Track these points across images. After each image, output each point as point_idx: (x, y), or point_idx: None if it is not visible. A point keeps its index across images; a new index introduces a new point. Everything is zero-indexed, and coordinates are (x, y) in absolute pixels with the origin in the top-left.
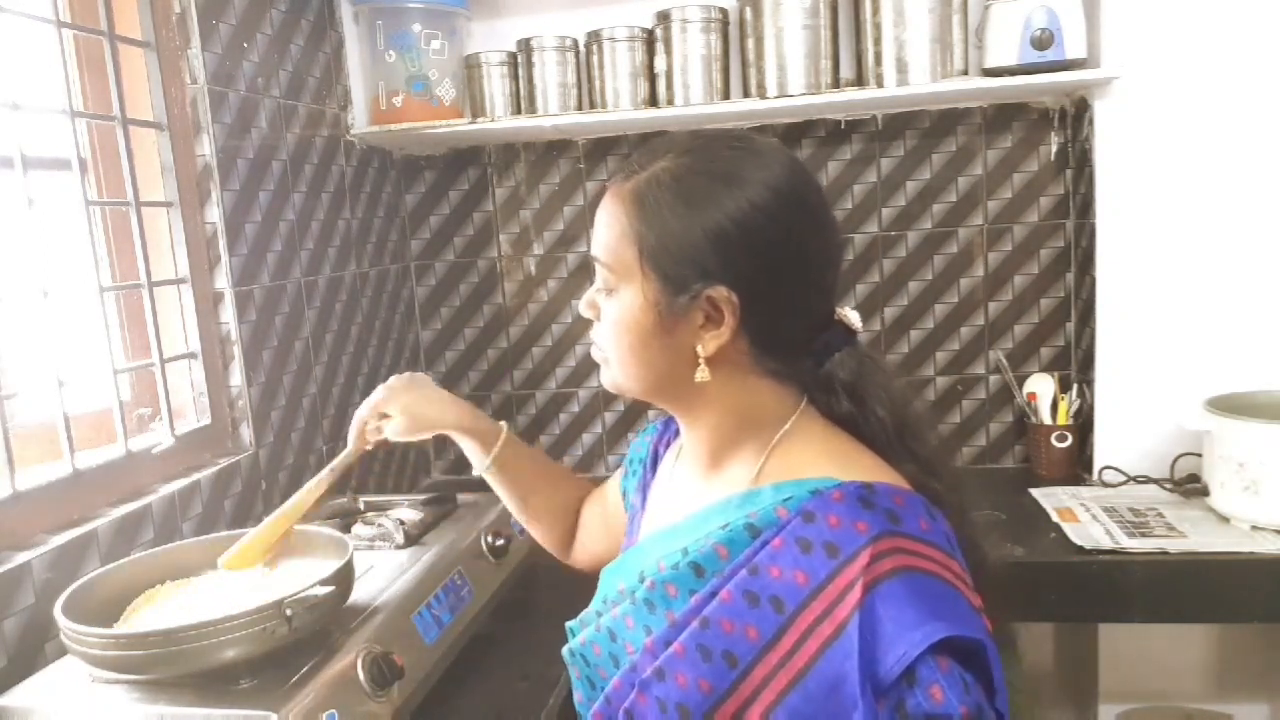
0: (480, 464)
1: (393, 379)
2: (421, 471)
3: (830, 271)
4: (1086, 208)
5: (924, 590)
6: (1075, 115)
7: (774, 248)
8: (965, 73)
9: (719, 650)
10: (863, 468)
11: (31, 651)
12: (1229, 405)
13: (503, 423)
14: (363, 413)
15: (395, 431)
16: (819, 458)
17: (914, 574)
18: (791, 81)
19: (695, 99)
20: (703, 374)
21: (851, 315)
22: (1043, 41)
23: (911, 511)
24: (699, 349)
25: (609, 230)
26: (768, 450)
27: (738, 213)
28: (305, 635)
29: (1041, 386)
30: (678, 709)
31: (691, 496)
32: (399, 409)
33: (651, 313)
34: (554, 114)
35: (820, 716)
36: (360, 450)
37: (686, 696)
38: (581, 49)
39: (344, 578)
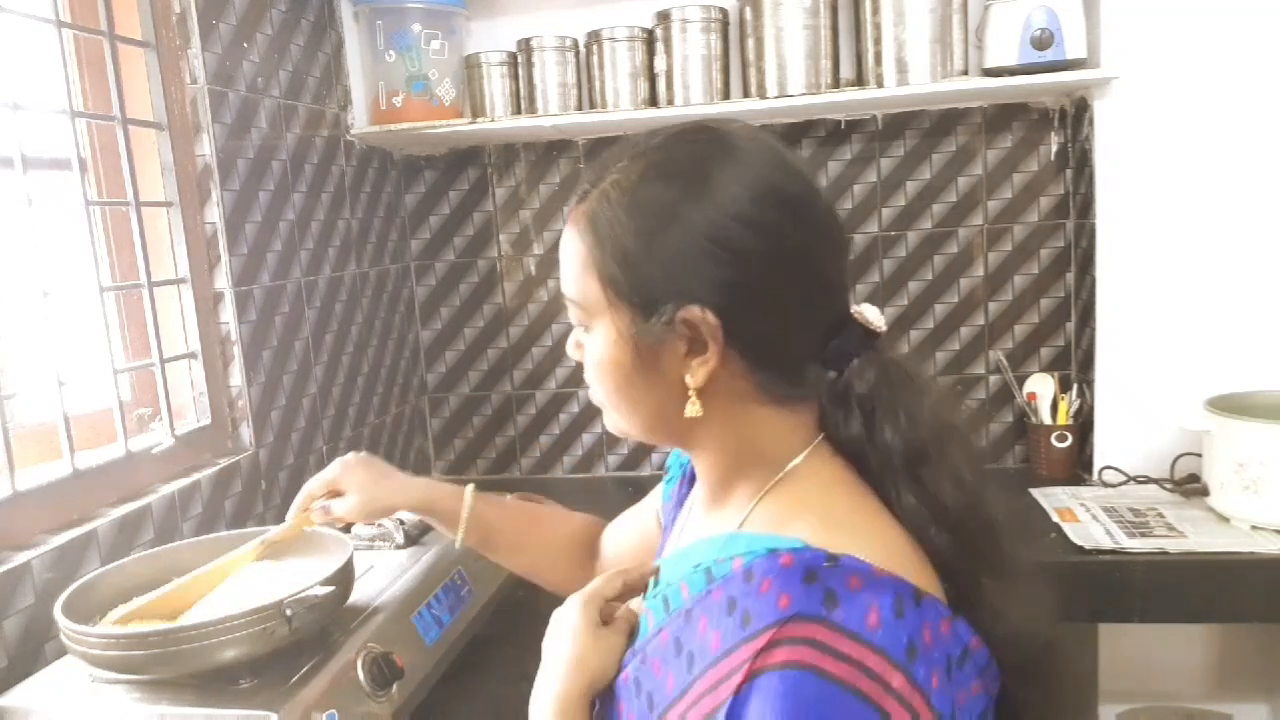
0: (455, 538)
1: (348, 455)
2: (422, 472)
3: (831, 263)
4: (1086, 208)
5: (805, 697)
6: (1075, 115)
7: (758, 256)
8: (965, 73)
9: (646, 689)
10: (849, 532)
11: (31, 651)
12: (1229, 405)
13: (468, 487)
14: (313, 488)
15: (347, 511)
16: (806, 512)
17: (806, 673)
18: (791, 81)
19: (695, 99)
20: (693, 408)
21: (870, 312)
22: (1043, 41)
23: (864, 598)
24: (688, 379)
25: (570, 263)
26: (761, 494)
27: (705, 223)
28: (305, 635)
29: (1041, 386)
30: None
31: (698, 525)
32: (354, 487)
33: (628, 346)
34: (554, 114)
35: None
36: (299, 528)
37: None
38: (581, 49)
39: (344, 578)
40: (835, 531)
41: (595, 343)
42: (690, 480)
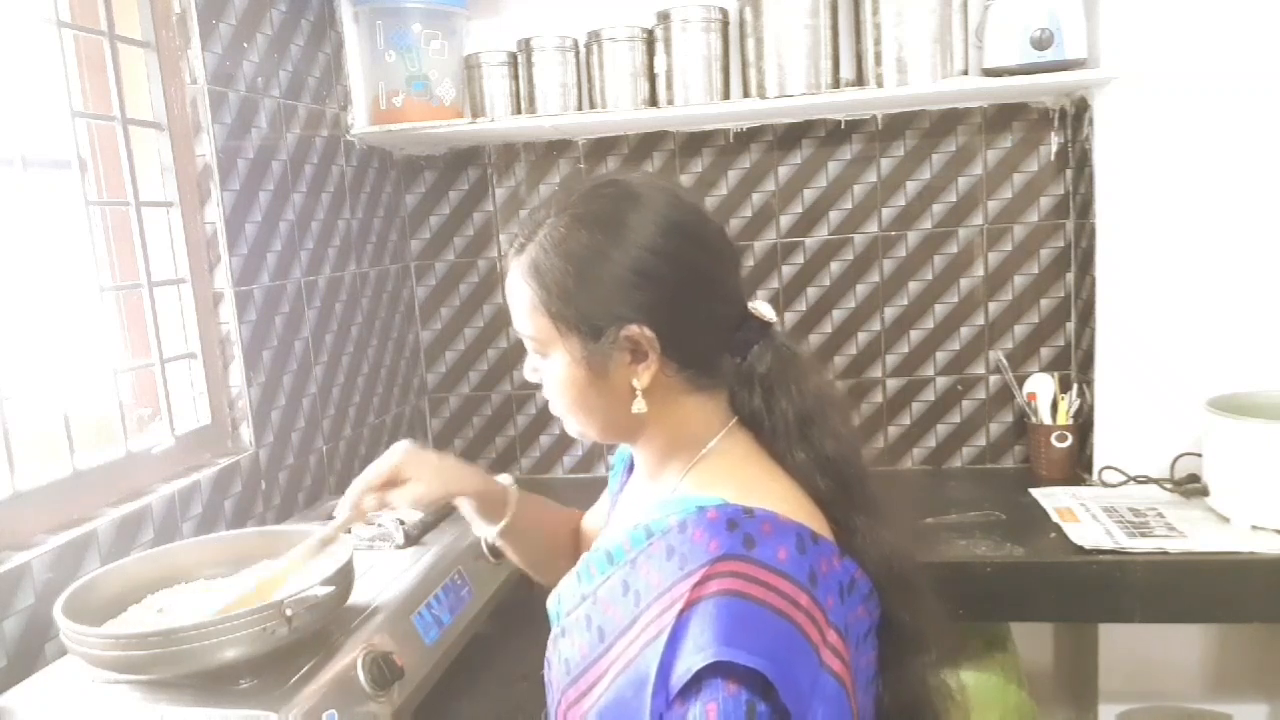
0: (492, 529)
1: (402, 443)
2: None
3: (730, 278)
4: (1086, 208)
5: (736, 615)
6: (1075, 115)
7: (671, 280)
8: (965, 73)
9: (597, 623)
10: (761, 494)
11: (31, 651)
12: (1229, 405)
13: (509, 478)
14: (373, 478)
15: (417, 497)
16: (725, 479)
17: (736, 598)
18: (791, 81)
19: (695, 99)
20: (639, 405)
21: (763, 308)
22: (1043, 41)
23: (775, 540)
24: (635, 383)
25: (519, 304)
26: (689, 468)
27: (628, 260)
28: (305, 635)
29: (1041, 386)
30: (565, 663)
31: (638, 498)
32: (421, 473)
33: (582, 366)
34: (554, 114)
35: (627, 711)
36: (355, 521)
37: (572, 655)
38: (581, 49)
39: (344, 578)
40: (748, 493)
41: (553, 367)
42: (630, 469)
